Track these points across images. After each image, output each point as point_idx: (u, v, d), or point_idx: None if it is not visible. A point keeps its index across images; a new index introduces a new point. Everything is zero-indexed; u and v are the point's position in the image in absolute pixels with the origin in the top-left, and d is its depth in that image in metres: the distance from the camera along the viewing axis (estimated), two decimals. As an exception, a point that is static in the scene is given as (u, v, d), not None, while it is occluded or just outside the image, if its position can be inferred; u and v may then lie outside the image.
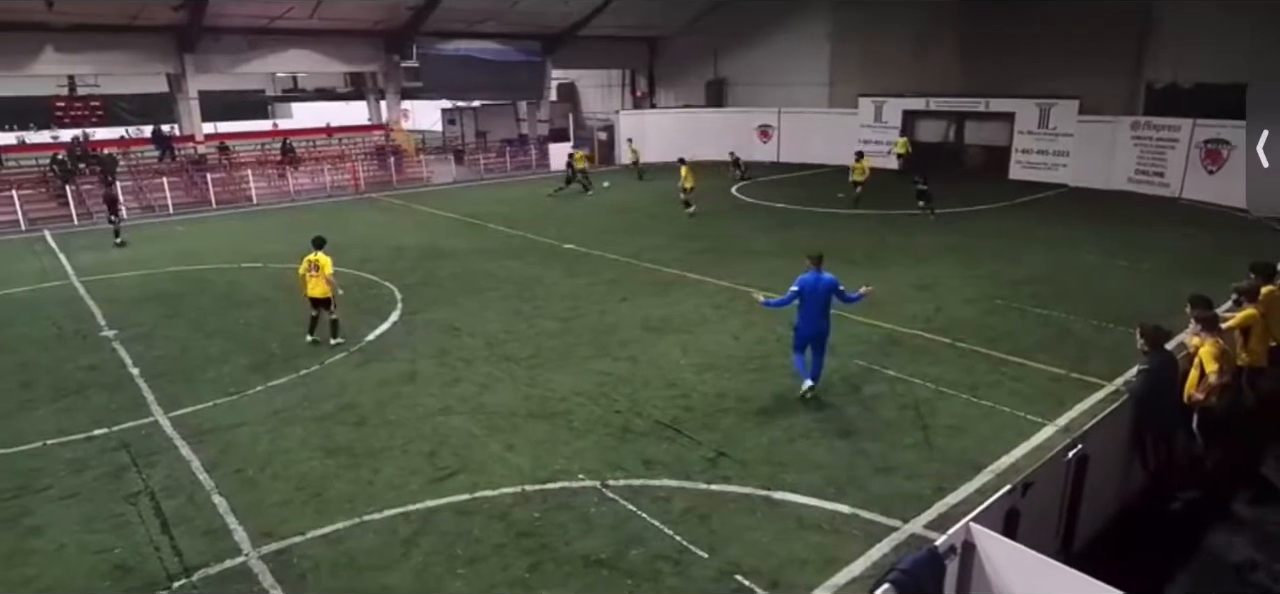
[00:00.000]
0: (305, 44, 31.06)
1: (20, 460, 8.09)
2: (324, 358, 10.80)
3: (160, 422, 8.94)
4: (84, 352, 11.52)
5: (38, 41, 25.64)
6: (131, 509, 7.10)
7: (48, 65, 26.72)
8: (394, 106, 35.91)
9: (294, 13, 28.12)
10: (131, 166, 28.35)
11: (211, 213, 25.48)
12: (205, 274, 16.34)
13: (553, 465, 7.62)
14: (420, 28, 31.75)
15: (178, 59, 28.68)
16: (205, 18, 26.68)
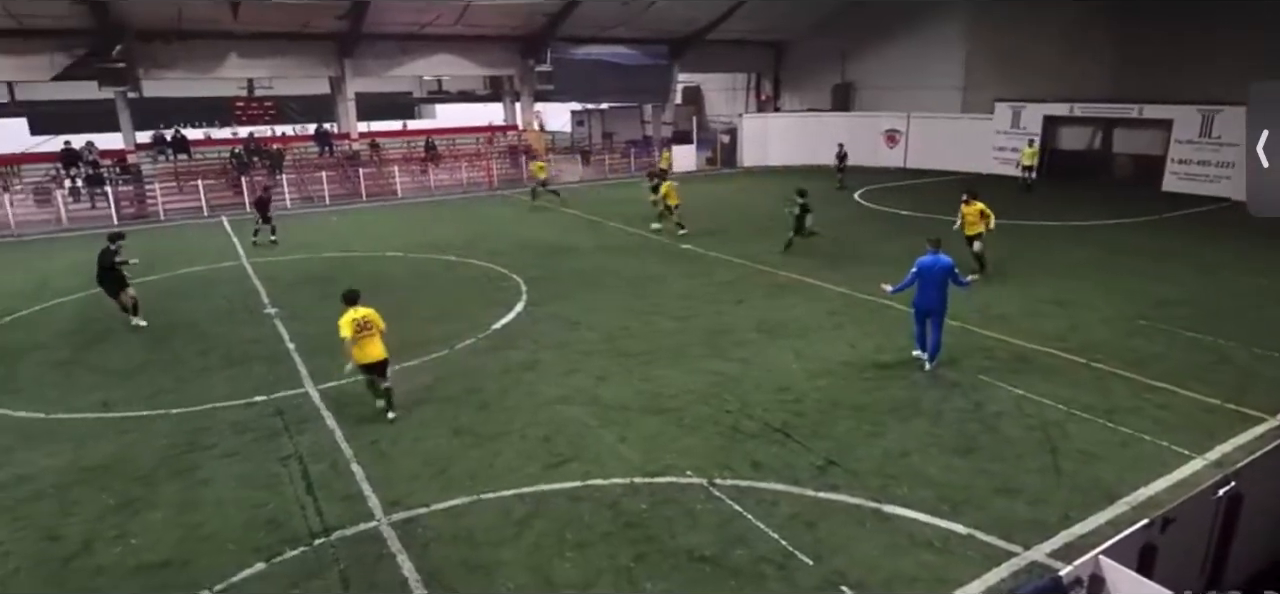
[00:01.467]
0: (450, 49, 32.72)
1: (194, 420, 8.98)
2: (453, 343, 11.33)
3: (310, 393, 9.68)
4: (249, 326, 12.65)
5: (224, 48, 28.36)
6: (283, 470, 7.72)
7: (231, 69, 29.48)
8: (527, 108, 37.18)
9: (442, 20, 29.67)
10: (294, 161, 30.82)
11: (361, 205, 27.32)
12: (354, 261, 17.54)
13: (662, 460, 7.66)
14: (555, 34, 32.71)
15: (339, 63, 30.93)
16: (364, 26, 28.64)
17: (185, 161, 29.42)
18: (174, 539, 6.56)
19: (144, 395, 9.71)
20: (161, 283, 15.91)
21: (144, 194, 26.66)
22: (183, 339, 12.04)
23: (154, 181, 27.27)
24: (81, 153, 27.65)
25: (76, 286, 15.52)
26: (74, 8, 23.18)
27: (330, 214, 25.23)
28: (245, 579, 5.97)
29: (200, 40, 27.51)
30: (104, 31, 24.57)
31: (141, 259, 17.07)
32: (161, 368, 10.74)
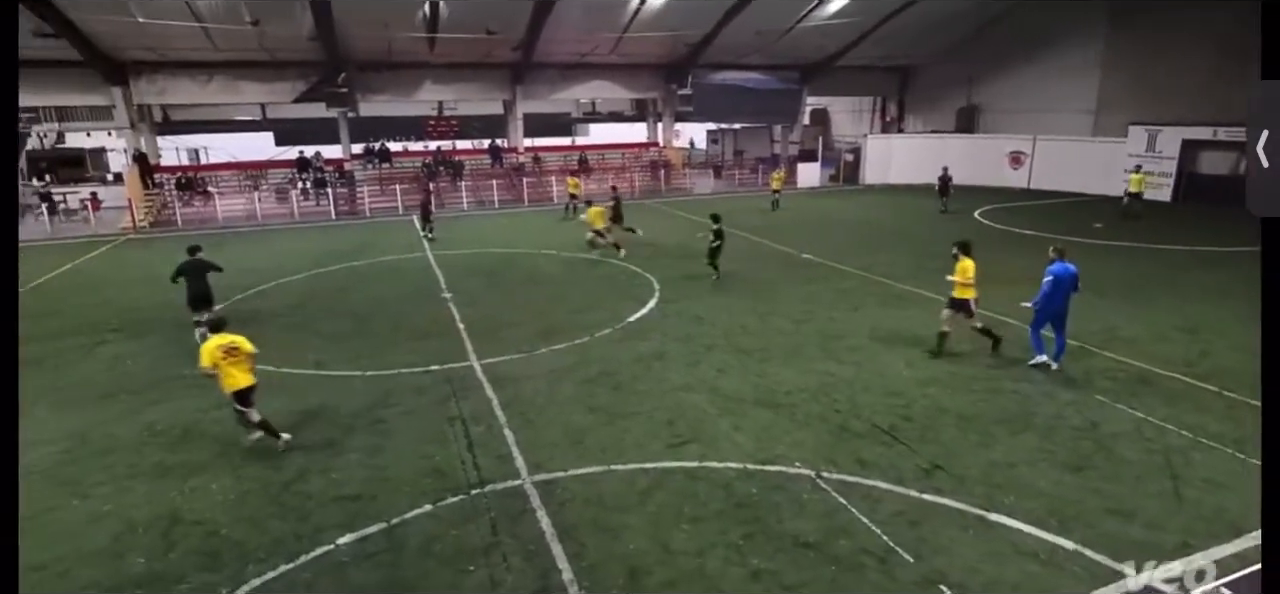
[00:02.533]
0: (604, 75, 33.66)
1: (385, 382, 9.76)
2: (594, 331, 11.63)
3: (474, 366, 10.26)
4: (430, 307, 13.58)
5: (421, 76, 30.65)
6: (449, 429, 8.24)
7: (426, 93, 31.81)
8: (668, 127, 37.55)
9: (599, 50, 30.56)
10: (471, 171, 32.78)
11: (524, 209, 28.62)
12: (515, 256, 18.42)
13: (773, 450, 7.50)
14: (696, 61, 32.81)
15: (511, 88, 32.59)
16: (533, 56, 30.00)
17: (387, 169, 32.08)
18: (363, 477, 7.17)
19: (347, 358, 10.67)
20: (365, 268, 17.43)
21: (355, 195, 29.31)
22: (379, 315, 13.11)
23: (363, 185, 29.94)
24: (311, 160, 30.82)
25: (303, 267, 17.32)
26: (311, 44, 25.83)
27: (499, 216, 26.60)
28: (416, 516, 6.43)
29: (404, 69, 29.91)
30: (333, 63, 27.24)
31: (352, 249, 18.74)
32: (362, 338, 11.76)
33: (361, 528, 6.27)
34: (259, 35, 24.66)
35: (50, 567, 5.84)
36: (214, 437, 8.16)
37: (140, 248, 21.79)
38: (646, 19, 27.52)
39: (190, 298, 11.46)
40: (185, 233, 24.36)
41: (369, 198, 28.92)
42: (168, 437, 8.19)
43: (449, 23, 25.51)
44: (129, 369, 10.52)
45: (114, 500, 6.84)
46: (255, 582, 5.58)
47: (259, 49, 26.06)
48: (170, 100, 29.78)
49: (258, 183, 30.07)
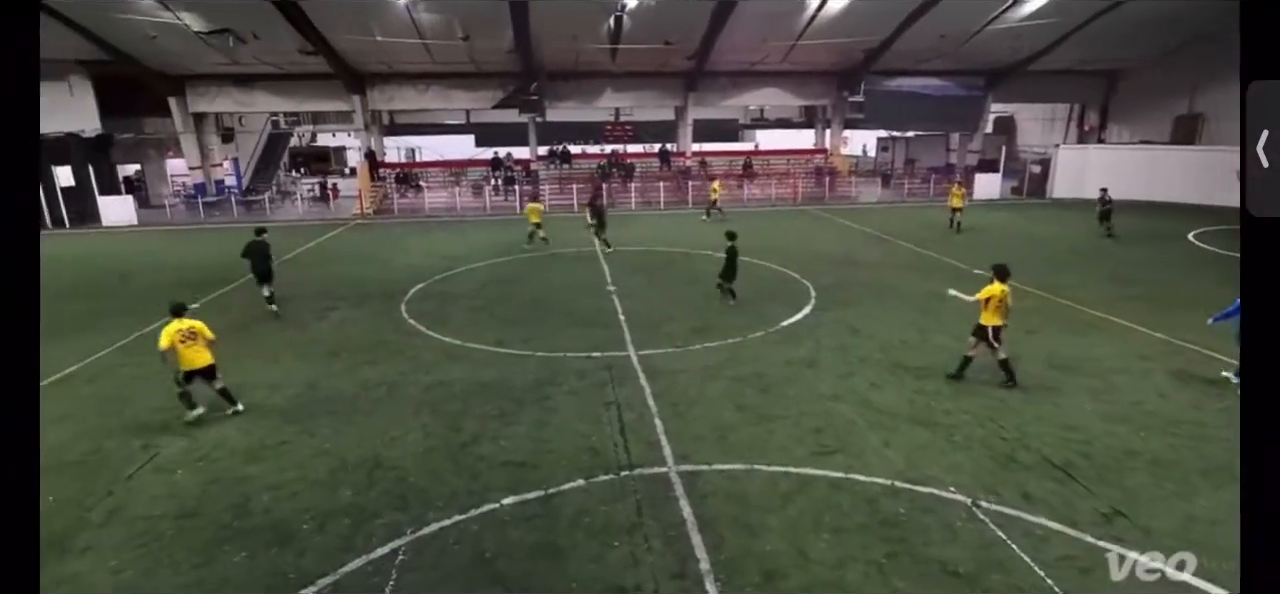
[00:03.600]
0: (774, 83, 33.13)
1: (552, 363, 10.36)
2: (746, 333, 11.52)
3: (631, 356, 10.58)
4: (596, 298, 14.19)
5: (602, 85, 32.09)
6: (605, 413, 8.57)
7: (605, 100, 33.26)
8: (836, 134, 36.13)
9: (770, 58, 30.15)
10: (641, 173, 33.73)
11: (686, 210, 28.94)
12: (676, 256, 18.71)
13: (926, 470, 6.98)
14: (870, 67, 31.28)
15: (683, 95, 33.11)
16: (706, 65, 30.25)
17: (567, 170, 33.95)
18: (528, 448, 7.68)
19: (521, 339, 11.46)
20: (541, 258, 18.61)
21: (538, 193, 31.33)
22: (551, 302, 13.93)
23: (545, 183, 31.93)
24: (503, 160, 33.42)
25: (489, 255, 18.85)
26: (510, 56, 28.00)
27: (663, 216, 27.16)
28: (570, 489, 6.78)
29: (587, 79, 31.50)
30: (527, 73, 29.33)
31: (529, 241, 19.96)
32: (535, 321, 12.58)
33: (523, 492, 6.72)
34: (469, 49, 27.18)
35: (284, 487, 6.89)
36: (411, 398, 9.14)
37: (364, 231, 24.93)
38: (822, 26, 26.64)
39: (255, 273, 12.91)
40: (400, 220, 27.50)
41: (549, 195, 30.80)
42: (376, 393, 9.31)
43: (630, 34, 26.43)
44: (350, 332, 12.09)
45: (333, 441, 7.91)
46: (433, 526, 6.19)
47: (468, 61, 28.71)
48: (396, 106, 33.71)
49: (458, 179, 33.18)
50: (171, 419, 8.47)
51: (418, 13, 23.92)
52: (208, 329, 8.45)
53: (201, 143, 31.76)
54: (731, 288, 13.38)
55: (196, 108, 30.64)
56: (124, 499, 6.71)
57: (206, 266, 17.92)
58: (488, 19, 24.75)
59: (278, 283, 13.72)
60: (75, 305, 14.17)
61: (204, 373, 8.41)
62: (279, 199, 33.64)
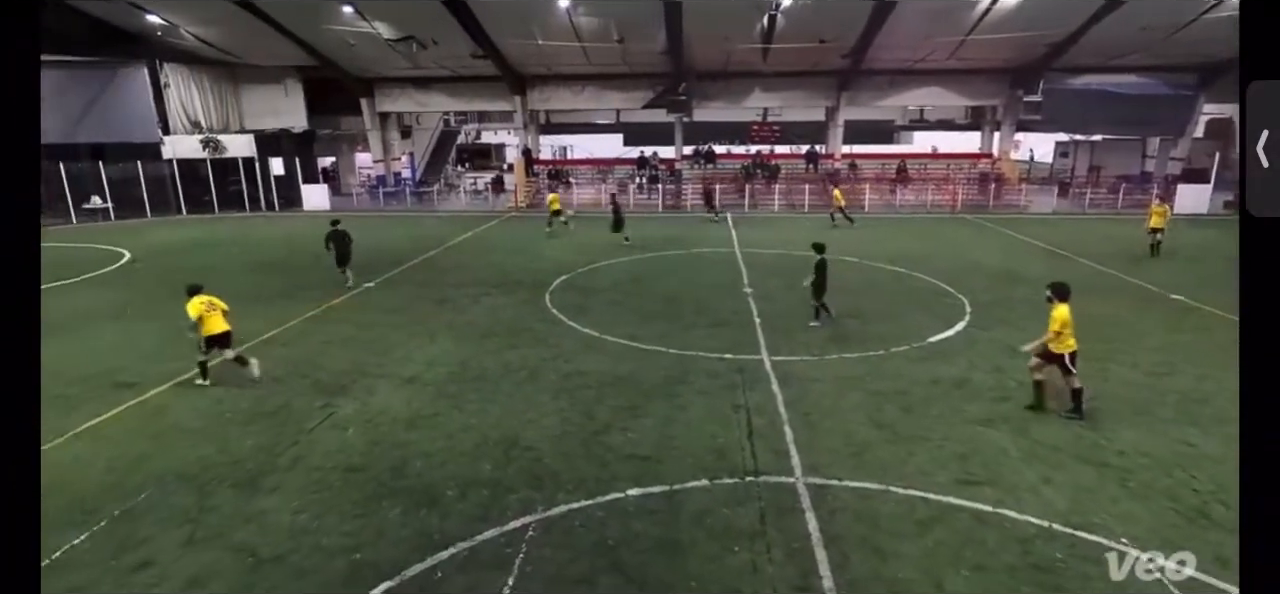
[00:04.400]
0: (937, 81, 31.00)
1: (685, 361, 10.43)
2: (889, 346, 10.89)
3: (764, 360, 10.39)
4: (731, 299, 14.08)
5: (751, 85, 31.74)
6: (734, 415, 8.49)
7: (753, 101, 32.88)
8: (1007, 137, 33.10)
9: (934, 56, 28.25)
10: (786, 175, 32.93)
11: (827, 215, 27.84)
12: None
13: (1092, 516, 6.20)
14: (1052, 63, 28.33)
15: (836, 95, 31.91)
16: (862, 63, 28.93)
17: (711, 170, 33.95)
18: (655, 441, 7.80)
19: (656, 335, 11.64)
20: (680, 257, 18.77)
21: (680, 191, 31.64)
22: (687, 301, 14.02)
23: (688, 183, 32.15)
24: (648, 160, 34.08)
25: (630, 252, 19.31)
26: (662, 57, 28.50)
27: (804, 219, 26.35)
28: (694, 488, 6.79)
29: (736, 79, 31.30)
30: (677, 74, 29.70)
31: (671, 238, 20.24)
32: (670, 319, 12.72)
33: (648, 485, 6.83)
34: (622, 51, 28.02)
35: (434, 455, 7.52)
36: (550, 383, 9.60)
37: (518, 224, 26.52)
38: (996, 20, 24.47)
39: (336, 257, 15.28)
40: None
41: (691, 194, 30.97)
42: (518, 376, 9.89)
43: (783, 33, 25.89)
44: (499, 318, 12.93)
45: (478, 417, 8.51)
46: (562, 507, 6.47)
47: (621, 63, 29.60)
48: (552, 106, 35.52)
49: (605, 177, 34.32)
50: (348, 382, 9.54)
51: (577, 17, 25.02)
52: (223, 303, 9.72)
53: (385, 138, 35.44)
54: (824, 304, 12.19)
55: (382, 107, 34.21)
56: (305, 450, 7.66)
57: (382, 250, 19.93)
58: (642, 21, 25.34)
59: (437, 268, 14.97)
60: (277, 278, 16.37)
61: (221, 339, 9.51)
62: (445, 191, 36.71)
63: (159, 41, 27.34)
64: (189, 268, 17.34)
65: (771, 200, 30.42)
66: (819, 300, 12.13)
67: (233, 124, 32.29)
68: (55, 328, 12.22)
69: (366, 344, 11.29)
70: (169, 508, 6.49)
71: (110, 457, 7.49)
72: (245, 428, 8.21)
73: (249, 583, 5.45)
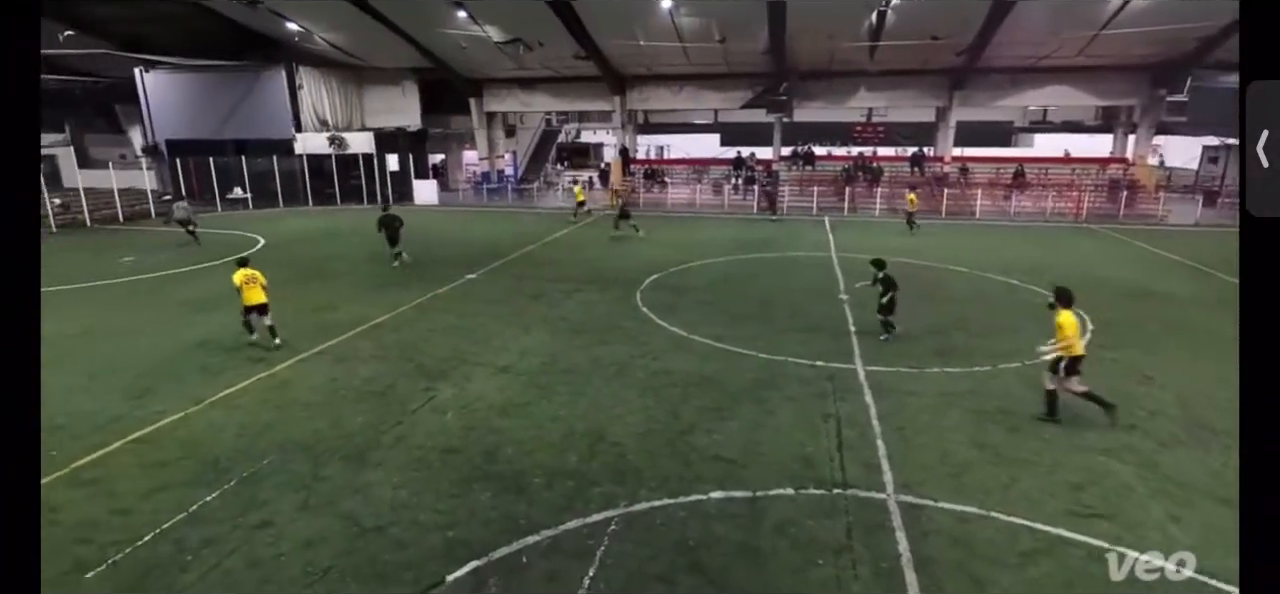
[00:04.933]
0: (1063, 79, 28.74)
1: (774, 366, 10.24)
2: (997, 362, 10.23)
3: (858, 370, 10.02)
4: (825, 305, 13.68)
5: (856, 84, 30.66)
6: (823, 425, 8.25)
7: (857, 100, 31.74)
8: (1144, 141, 30.21)
9: (1061, 52, 26.24)
10: (889, 178, 31.57)
11: (937, 221, 26.44)
12: (918, 269, 17.21)
13: (1228, 561, 5.55)
14: (1202, 60, 25.57)
15: (948, 95, 30.27)
16: (979, 61, 27.28)
17: (809, 171, 33.10)
18: (740, 445, 7.71)
19: (744, 337, 11.49)
20: (773, 260, 18.43)
21: (776, 194, 31.05)
22: (778, 304, 13.75)
23: (785, 185, 31.50)
24: (745, 160, 33.68)
25: (722, 253, 19.17)
26: (763, 57, 28.08)
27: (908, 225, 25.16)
28: (778, 496, 6.66)
29: (839, 78, 30.33)
30: (778, 73, 29.17)
31: (764, 241, 19.96)
32: (760, 321, 12.51)
33: (730, 489, 6.77)
34: (723, 51, 27.84)
35: (524, 443, 7.78)
36: (637, 380, 9.70)
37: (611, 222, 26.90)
38: (1135, 12, 22.34)
39: (388, 240, 17.16)
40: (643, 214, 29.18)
41: (788, 196, 30.31)
42: (607, 371, 10.05)
43: (893, 30, 24.84)
44: (591, 313, 13.19)
45: (567, 409, 8.73)
46: (644, 504, 6.53)
47: (721, 63, 29.42)
48: (650, 106, 35.81)
49: (700, 177, 34.22)
50: (448, 368, 10.05)
51: (679, 17, 25.09)
52: (263, 276, 10.97)
53: (490, 137, 36.97)
54: (891, 321, 11.35)
55: (489, 107, 35.71)
56: (407, 429, 8.14)
57: (485, 243, 20.82)
58: (744, 21, 25.06)
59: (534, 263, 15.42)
60: (387, 267, 17.46)
61: (259, 308, 10.84)
62: (544, 188, 37.83)
63: (295, 46, 29.82)
64: (314, 255, 18.83)
65: (872, 204, 29.27)
66: (888, 315, 11.33)
67: (355, 122, 34.72)
68: (203, 305, 13.62)
69: (466, 333, 11.83)
70: (287, 474, 7.09)
71: (241, 423, 8.26)
72: (356, 405, 8.82)
73: (353, 549, 5.86)
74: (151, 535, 6.02)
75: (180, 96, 31.48)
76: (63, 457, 7.41)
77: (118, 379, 9.70)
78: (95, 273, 16.81)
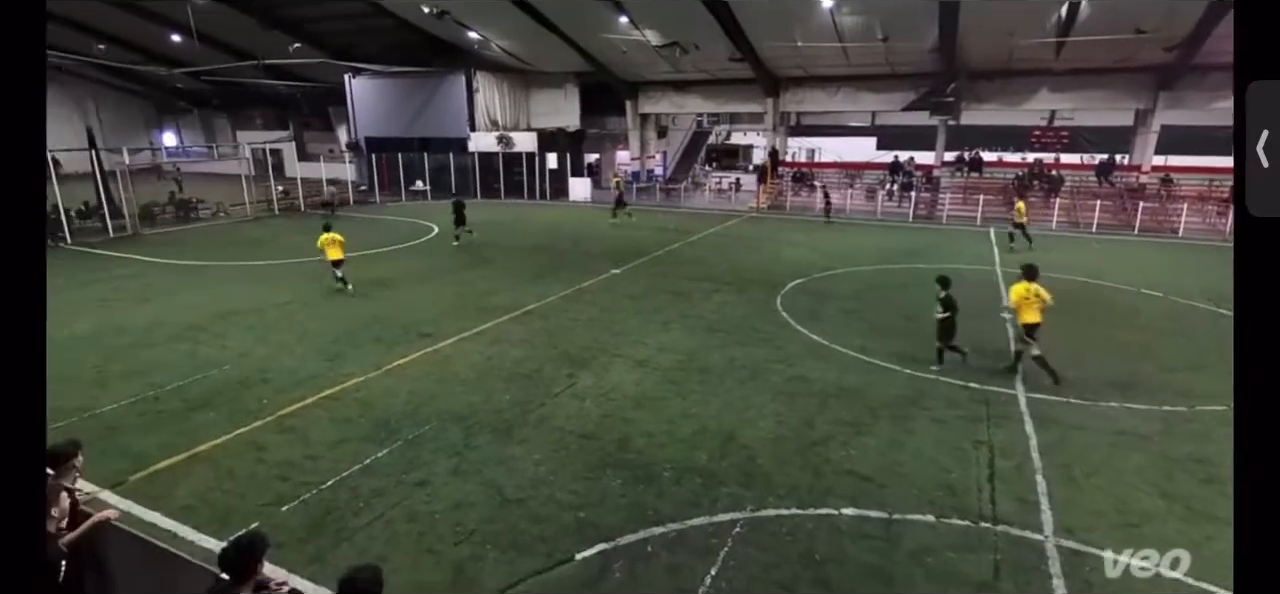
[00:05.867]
0: (1304, 78, 23.99)
1: (920, 383, 9.57)
2: (1197, 401, 8.79)
3: (1018, 396, 9.08)
4: (983, 322, 12.46)
5: (1037, 84, 27.72)
6: (974, 452, 7.58)
7: (1038, 102, 28.68)
8: None
9: (1301, 44, 21.92)
10: (1070, 188, 28.22)
11: (1129, 238, 23.23)
12: (1101, 290, 15.24)
13: None
14: None
15: (1151, 96, 26.52)
16: (1194, 57, 23.61)
17: (975, 178, 30.46)
18: (877, 463, 7.29)
19: (890, 351, 10.83)
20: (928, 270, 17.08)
21: (935, 201, 28.91)
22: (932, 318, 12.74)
23: (946, 192, 29.24)
24: (903, 165, 31.70)
25: (872, 261, 18.21)
26: (930, 56, 26.26)
27: (1091, 241, 22.29)
28: (916, 521, 6.22)
29: (1017, 77, 27.60)
30: (946, 73, 27.14)
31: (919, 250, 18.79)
32: (909, 335, 11.71)
33: (864, 508, 6.43)
34: (886, 51, 26.38)
35: (656, 436, 7.91)
36: (771, 385, 9.50)
37: (757, 224, 26.51)
38: None
39: (455, 221, 20.08)
40: (790, 217, 28.46)
41: (949, 204, 28.10)
42: (741, 373, 9.94)
43: (1086, 23, 22.15)
44: (729, 314, 13.09)
45: (699, 407, 8.75)
46: (771, 511, 6.38)
47: (883, 63, 27.89)
48: (804, 108, 34.78)
49: (852, 181, 32.69)
50: (589, 357, 10.46)
51: (841, 16, 24.13)
52: (341, 237, 14.51)
53: (642, 137, 37.86)
54: (954, 345, 10.17)
55: (644, 109, 36.56)
56: (550, 411, 8.58)
57: (630, 240, 21.37)
58: (911, 19, 23.55)
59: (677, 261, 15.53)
60: (542, 258, 18.47)
61: (336, 263, 14.32)
62: (692, 188, 38.06)
63: (474, 54, 32.43)
64: (479, 244, 20.35)
65: (1048, 216, 26.32)
66: (946, 342, 10.16)
67: (521, 123, 37.06)
68: (382, 284, 15.25)
69: (607, 325, 12.23)
70: (444, 441, 7.75)
71: (409, 391, 9.16)
72: (506, 384, 9.44)
73: (495, 516, 6.29)
74: (333, 481, 6.86)
75: (378, 99, 35.40)
76: (271, 406, 8.64)
77: (315, 343, 11.13)
78: (302, 250, 19.40)
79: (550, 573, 5.54)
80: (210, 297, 14.06)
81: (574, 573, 5.56)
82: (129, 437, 7.83)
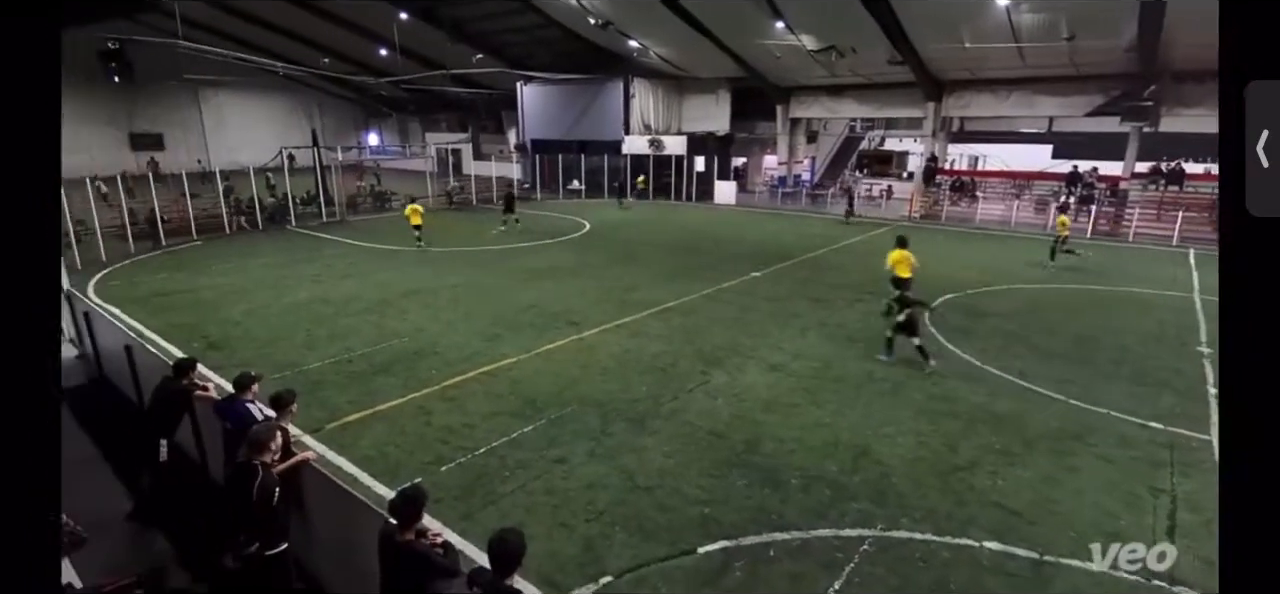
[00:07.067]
0: None
1: (1086, 416, 8.46)
2: None
3: (1212, 441, 7.76)
4: (1173, 356, 10.81)
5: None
6: (1151, 500, 6.60)
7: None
8: None
9: None
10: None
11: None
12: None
13: None
14: None
15: None
16: None
17: (1173, 192, 26.32)
18: (1029, 498, 6.58)
19: (1052, 378, 9.68)
20: (1105, 293, 15.13)
21: (1121, 215, 25.38)
22: (1107, 346, 11.28)
23: (1135, 207, 25.56)
24: (1083, 176, 28.16)
25: (1039, 279, 16.38)
26: (1125, 56, 23.10)
27: None
28: (1072, 566, 5.54)
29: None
30: (1144, 75, 23.77)
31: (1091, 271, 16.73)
32: (1075, 362, 10.43)
33: (1010, 544, 5.83)
34: (1070, 50, 23.57)
35: (785, 441, 7.71)
36: (912, 401, 8.89)
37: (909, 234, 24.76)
38: None
39: (504, 206, 22.81)
40: (946, 227, 26.34)
41: (1138, 221, 24.52)
42: (880, 387, 9.39)
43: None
44: (870, 325, 12.37)
45: (833, 417, 8.39)
46: (903, 533, 5.99)
47: (1066, 64, 24.93)
48: (970, 113, 31.96)
49: (1021, 192, 29.57)
50: (723, 357, 10.41)
51: (1018, 14, 21.92)
52: (421, 208, 19.45)
53: (791, 142, 36.87)
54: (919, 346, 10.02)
55: (795, 114, 35.57)
56: (682, 405, 8.66)
57: (773, 244, 20.92)
58: (1105, 14, 20.81)
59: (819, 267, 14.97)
60: (684, 258, 18.61)
61: (417, 228, 18.91)
62: (839, 194, 36.44)
63: (632, 61, 33.41)
64: (626, 240, 20.97)
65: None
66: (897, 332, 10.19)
67: (673, 127, 37.59)
68: (539, 274, 16.20)
69: (744, 326, 12.09)
70: (582, 424, 8.10)
71: (555, 374, 9.67)
72: (642, 376, 9.66)
73: (624, 501, 6.48)
74: (484, 450, 7.43)
75: (544, 104, 37.61)
76: (438, 376, 9.53)
77: (477, 325, 12.09)
78: (474, 239, 21.12)
79: (672, 562, 5.61)
80: (397, 276, 15.77)
81: (695, 565, 5.58)
82: (328, 391, 9.01)
